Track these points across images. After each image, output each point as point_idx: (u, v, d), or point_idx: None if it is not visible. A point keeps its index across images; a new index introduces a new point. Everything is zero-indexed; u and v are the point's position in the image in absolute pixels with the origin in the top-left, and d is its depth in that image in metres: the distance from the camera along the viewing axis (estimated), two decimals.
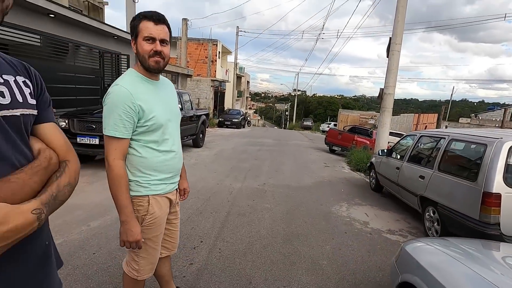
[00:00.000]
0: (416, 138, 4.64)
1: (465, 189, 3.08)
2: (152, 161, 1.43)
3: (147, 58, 1.27)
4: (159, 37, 1.24)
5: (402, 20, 7.93)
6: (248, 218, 3.86)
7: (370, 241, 3.52)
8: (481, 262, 1.69)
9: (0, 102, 0.66)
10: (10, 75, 0.71)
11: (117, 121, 1.28)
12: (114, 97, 1.28)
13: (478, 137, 3.25)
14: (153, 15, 1.24)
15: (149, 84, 1.37)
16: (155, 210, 1.46)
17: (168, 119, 1.45)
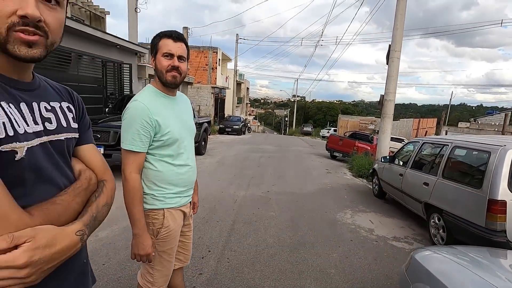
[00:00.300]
0: (418, 145, 4.68)
1: (470, 196, 3.11)
2: (168, 174, 1.45)
3: (165, 73, 1.33)
4: (177, 54, 1.30)
5: (401, 28, 8.05)
6: (254, 226, 3.87)
7: (376, 248, 3.53)
8: (489, 270, 1.72)
9: (48, 128, 0.69)
10: (56, 102, 0.75)
11: (135, 136, 1.32)
12: (132, 112, 1.33)
13: (481, 144, 3.29)
14: (172, 33, 1.31)
15: (166, 99, 1.42)
16: (170, 223, 1.48)
17: (183, 134, 1.48)
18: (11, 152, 0.58)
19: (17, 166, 0.60)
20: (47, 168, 0.66)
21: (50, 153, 0.68)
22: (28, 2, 0.56)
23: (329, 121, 51.73)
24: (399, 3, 7.96)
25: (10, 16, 0.56)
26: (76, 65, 8.49)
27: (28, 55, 0.59)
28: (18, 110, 0.62)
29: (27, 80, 0.68)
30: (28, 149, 0.61)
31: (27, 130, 0.62)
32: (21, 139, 0.60)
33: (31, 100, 0.67)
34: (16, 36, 0.57)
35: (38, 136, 0.65)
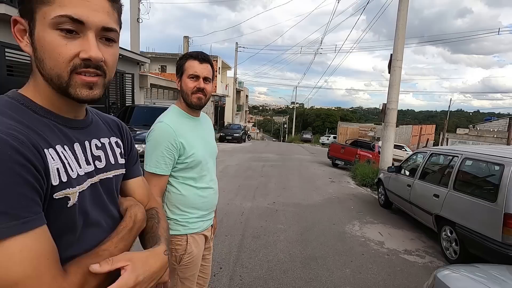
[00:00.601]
0: (426, 155, 4.66)
1: (484, 210, 3.07)
2: (191, 198, 1.42)
3: (190, 95, 1.34)
4: (203, 75, 1.33)
5: (403, 37, 8.12)
6: (263, 240, 3.81)
7: (388, 263, 3.47)
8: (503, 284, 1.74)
9: (98, 167, 0.67)
10: (106, 138, 0.73)
11: (159, 158, 1.29)
12: (157, 134, 1.30)
13: (493, 156, 3.27)
14: (198, 55, 1.33)
15: (190, 120, 1.41)
16: (193, 249, 1.44)
17: (206, 156, 1.45)
18: (64, 198, 0.56)
19: (69, 212, 0.57)
20: (94, 211, 0.64)
21: (98, 194, 0.66)
22: (90, 44, 0.55)
23: (328, 128, 51.86)
24: (400, 13, 8.05)
25: (72, 59, 0.55)
26: None
27: (89, 97, 0.58)
28: (72, 151, 0.61)
29: (81, 118, 0.67)
30: (80, 194, 0.59)
31: (79, 172, 0.61)
32: (74, 184, 0.58)
33: (84, 139, 0.66)
34: (78, 79, 0.56)
35: (90, 177, 0.64)
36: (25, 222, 0.47)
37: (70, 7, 0.52)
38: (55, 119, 0.60)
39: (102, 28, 0.56)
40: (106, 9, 0.57)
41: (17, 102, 0.57)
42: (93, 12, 0.54)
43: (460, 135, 23.92)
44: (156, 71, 22.69)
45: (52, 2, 0.52)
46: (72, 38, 0.54)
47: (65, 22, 0.52)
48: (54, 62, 0.54)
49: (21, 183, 0.47)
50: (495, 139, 20.04)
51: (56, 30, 0.53)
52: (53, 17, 0.52)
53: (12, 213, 0.46)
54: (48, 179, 0.53)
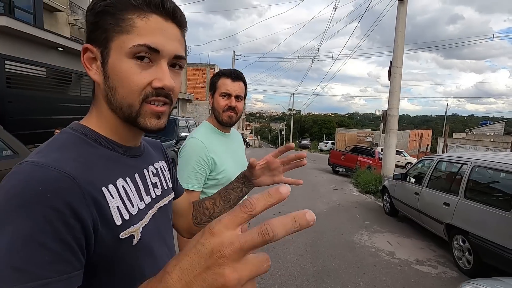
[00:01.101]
0: (433, 163, 4.63)
1: (499, 219, 3.03)
2: None
3: (221, 113, 1.35)
4: (235, 93, 1.34)
5: (402, 45, 8.20)
6: (272, 253, 3.72)
7: (402, 274, 3.40)
8: None
9: (156, 194, 0.63)
10: (157, 162, 0.70)
11: (191, 174, 1.28)
12: (189, 150, 1.30)
13: (505, 164, 3.24)
14: (231, 73, 1.35)
15: (221, 136, 1.41)
16: None
17: (236, 172, 1.43)
18: (129, 237, 0.51)
19: (135, 252, 0.52)
20: (156, 245, 0.59)
21: (158, 225, 0.61)
22: (164, 73, 0.53)
23: (325, 134, 52.04)
24: (399, 21, 8.14)
25: (145, 88, 0.53)
26: (77, 86, 8.42)
27: (157, 127, 0.56)
28: (134, 183, 0.57)
29: (138, 145, 0.64)
30: (143, 229, 0.55)
31: (140, 206, 0.56)
32: (136, 220, 0.54)
33: (142, 167, 0.62)
34: (148, 109, 0.54)
35: (150, 208, 0.60)
36: (46, 284, 0.37)
37: (149, 36, 0.51)
38: (117, 149, 0.58)
39: (175, 56, 0.55)
40: (178, 37, 0.56)
41: (80, 134, 0.54)
42: (168, 41, 0.53)
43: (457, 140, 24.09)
44: None
45: (131, 32, 0.51)
46: (146, 66, 0.52)
47: (142, 51, 0.51)
48: (128, 91, 0.53)
49: (49, 233, 0.39)
50: (492, 143, 20.20)
51: (132, 59, 0.52)
52: (131, 46, 0.51)
53: (32, 271, 0.37)
54: (109, 220, 0.48)
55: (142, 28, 0.51)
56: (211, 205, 0.87)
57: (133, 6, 0.51)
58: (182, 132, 7.16)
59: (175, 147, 6.59)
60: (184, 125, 7.79)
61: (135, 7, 0.51)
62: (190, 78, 22.37)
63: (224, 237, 0.27)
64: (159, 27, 0.52)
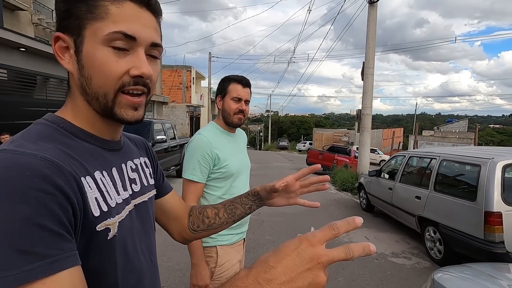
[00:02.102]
0: (405, 158, 4.83)
1: (465, 209, 3.20)
2: None
3: (232, 115, 1.46)
4: (244, 98, 1.46)
5: (373, 46, 8.52)
6: (253, 254, 3.70)
7: (379, 267, 3.50)
8: (496, 282, 1.89)
9: (134, 190, 0.62)
10: (137, 158, 0.68)
11: (196, 166, 1.38)
12: (195, 144, 1.41)
13: (469, 157, 3.44)
14: (242, 79, 1.46)
15: (226, 135, 1.51)
16: (224, 262, 1.45)
17: (239, 169, 1.51)
18: (105, 230, 0.50)
19: (109, 246, 0.51)
20: (131, 241, 0.58)
21: (134, 222, 0.60)
22: (142, 61, 0.52)
23: (303, 135, 52.91)
24: (370, 24, 8.45)
25: (122, 76, 0.51)
26: (44, 88, 7.96)
27: (134, 118, 0.55)
28: (110, 177, 0.56)
29: (117, 139, 0.62)
30: (120, 223, 0.53)
31: (117, 200, 0.55)
32: (113, 213, 0.52)
33: (120, 162, 0.61)
34: (123, 99, 0.53)
35: (127, 203, 0.58)
36: (53, 261, 0.39)
37: (124, 23, 0.50)
38: (95, 142, 0.56)
39: (151, 44, 0.54)
40: (154, 24, 0.55)
41: (55, 125, 0.53)
42: (144, 28, 0.52)
43: (426, 137, 25.38)
44: None
45: (106, 18, 0.49)
46: (122, 55, 0.51)
47: (118, 38, 0.50)
48: (104, 80, 0.51)
49: (46, 215, 0.39)
50: (458, 139, 21.48)
51: (108, 47, 0.50)
52: (106, 34, 0.49)
53: (36, 252, 0.38)
54: (87, 211, 0.47)
55: (117, 14, 0.49)
56: (213, 214, 0.83)
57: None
58: (158, 135, 6.96)
59: None
60: (160, 128, 7.58)
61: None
62: (166, 80, 21.89)
63: (320, 249, 0.37)
64: (134, 14, 0.51)
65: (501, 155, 3.22)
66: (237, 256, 1.51)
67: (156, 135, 6.85)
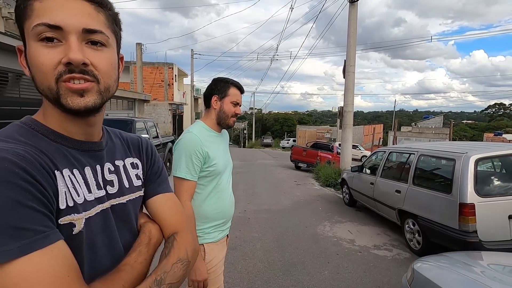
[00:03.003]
0: (386, 154, 4.99)
1: (442, 201, 3.36)
2: (204, 208, 1.45)
3: (229, 117, 1.50)
4: (240, 103, 1.54)
5: (354, 44, 8.70)
6: (240, 251, 3.72)
7: (362, 259, 3.61)
8: (470, 269, 2.02)
9: (109, 192, 0.64)
10: (120, 160, 0.70)
11: (189, 165, 1.37)
12: (186, 142, 1.40)
13: (445, 152, 3.61)
14: (241, 87, 1.53)
15: (213, 134, 1.53)
16: (212, 259, 1.47)
17: (225, 168, 1.53)
18: (68, 225, 0.53)
19: (74, 241, 0.53)
20: (100, 240, 0.60)
21: (109, 221, 0.62)
22: (70, 47, 0.51)
23: (287, 132, 53.31)
24: (350, 23, 8.62)
25: (56, 67, 0.51)
26: (15, 86, 7.57)
27: (82, 105, 0.54)
28: (82, 175, 0.58)
29: (95, 140, 0.64)
30: (87, 220, 0.56)
31: (88, 198, 0.58)
32: (80, 210, 0.55)
33: (96, 163, 0.63)
34: (64, 86, 0.52)
35: (100, 202, 0.61)
36: (46, 236, 0.46)
37: (47, 15, 0.50)
38: (65, 142, 0.58)
39: (84, 30, 0.52)
40: (87, 11, 0.53)
41: (27, 127, 0.56)
42: (71, 16, 0.51)
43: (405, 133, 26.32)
44: None
45: (32, 15, 0.51)
46: (54, 46, 0.51)
47: (43, 31, 0.50)
48: (41, 75, 0.52)
49: (31, 199, 0.46)
50: (434, 134, 22.46)
51: (38, 41, 0.51)
52: (31, 29, 0.50)
53: (30, 228, 0.44)
54: (57, 201, 0.51)
55: (40, 9, 0.50)
56: None
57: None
58: (140, 134, 6.81)
59: None
60: (142, 127, 7.42)
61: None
62: (147, 78, 21.37)
63: None
64: (58, 4, 0.51)
65: (474, 149, 3.40)
66: (222, 252, 1.54)
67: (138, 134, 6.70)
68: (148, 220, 0.73)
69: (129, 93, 14.77)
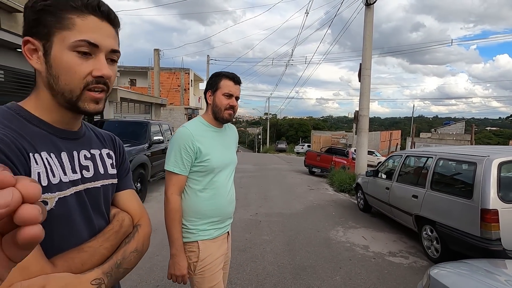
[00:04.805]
0: (402, 158, 4.83)
1: (462, 207, 3.19)
2: (198, 204, 1.42)
3: (223, 110, 1.43)
4: (235, 95, 1.45)
5: (370, 47, 8.56)
6: (249, 253, 3.67)
7: (376, 266, 3.48)
8: (492, 277, 1.89)
9: (85, 176, 0.69)
10: (97, 149, 0.76)
11: (178, 158, 1.37)
12: (177, 136, 1.40)
13: (465, 155, 3.44)
14: (234, 77, 1.45)
15: (212, 131, 1.48)
16: (206, 256, 1.42)
17: (222, 164, 1.48)
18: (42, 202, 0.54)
19: (47, 217, 0.53)
20: (77, 219, 0.65)
21: (83, 202, 0.67)
22: (102, 64, 0.62)
23: (301, 137, 52.91)
24: (366, 25, 8.50)
25: (86, 77, 0.62)
26: None
27: (95, 110, 0.65)
28: (58, 159, 0.63)
29: (74, 129, 0.71)
30: (60, 199, 0.61)
31: (63, 179, 0.63)
32: (53, 190, 0.60)
33: (73, 149, 0.69)
34: (88, 95, 0.63)
35: (75, 185, 0.66)
36: None
37: (88, 33, 0.60)
38: (46, 128, 0.64)
39: (111, 50, 0.64)
40: (113, 34, 0.65)
41: (13, 112, 0.62)
42: (105, 38, 0.62)
43: (424, 139, 25.47)
44: (125, 85, 21.97)
45: (72, 29, 0.59)
46: (86, 59, 0.61)
47: (83, 45, 0.60)
48: (70, 79, 0.61)
49: None
50: (455, 141, 21.60)
51: (74, 51, 0.60)
52: (73, 41, 0.59)
53: None
54: None
55: (82, 26, 0.59)
56: None
57: (72, 7, 0.59)
58: (155, 136, 6.93)
59: (147, 151, 6.36)
60: (157, 130, 7.54)
61: (74, 8, 0.59)
62: (164, 83, 21.88)
63: None
64: (96, 26, 0.61)
65: (497, 152, 3.22)
66: (219, 250, 1.48)
67: (153, 136, 6.82)
68: (122, 210, 0.79)
69: (147, 97, 15.15)
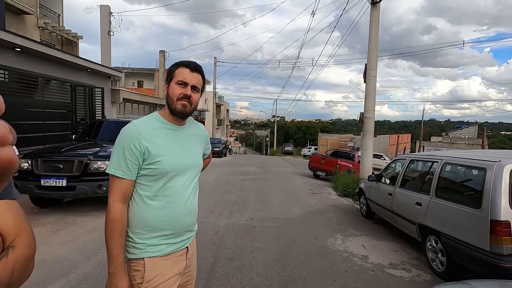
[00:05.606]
0: (406, 162, 4.52)
1: (469, 217, 2.89)
2: (146, 214, 1.21)
3: (175, 101, 1.25)
4: (191, 83, 1.26)
5: (375, 47, 8.24)
6: (238, 262, 3.43)
7: (374, 279, 3.19)
8: None
9: None
10: None
11: (121, 159, 1.18)
12: (122, 135, 1.22)
13: (474, 160, 3.14)
14: (190, 64, 1.29)
15: (168, 128, 1.29)
16: (153, 277, 1.20)
17: (178, 168, 1.27)
18: None
19: None
20: None
21: None
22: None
23: (309, 140, 52.39)
24: (372, 24, 8.20)
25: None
26: (42, 90, 7.92)
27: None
28: None
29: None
30: None
31: None
32: None
33: None
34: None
35: None
36: None
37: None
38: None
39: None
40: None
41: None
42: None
43: (435, 143, 24.76)
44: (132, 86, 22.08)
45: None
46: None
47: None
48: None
49: None
50: (467, 145, 20.88)
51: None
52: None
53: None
54: None
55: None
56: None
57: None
58: None
59: None
60: None
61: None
62: None
63: None
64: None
65: (509, 157, 2.91)
66: (172, 269, 1.25)
67: None
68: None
69: (151, 98, 15.14)
